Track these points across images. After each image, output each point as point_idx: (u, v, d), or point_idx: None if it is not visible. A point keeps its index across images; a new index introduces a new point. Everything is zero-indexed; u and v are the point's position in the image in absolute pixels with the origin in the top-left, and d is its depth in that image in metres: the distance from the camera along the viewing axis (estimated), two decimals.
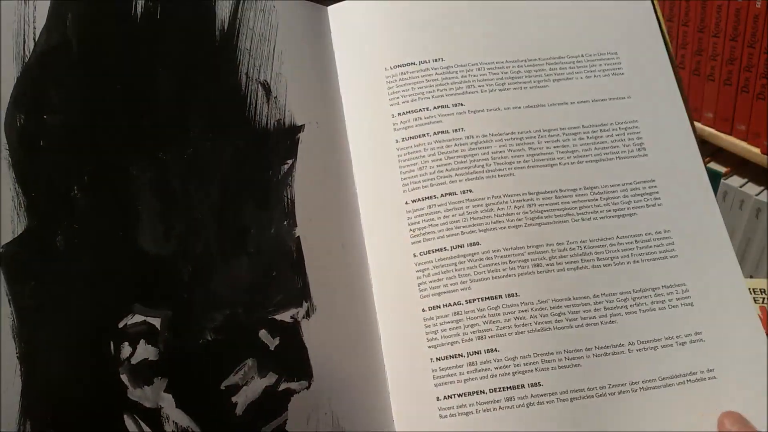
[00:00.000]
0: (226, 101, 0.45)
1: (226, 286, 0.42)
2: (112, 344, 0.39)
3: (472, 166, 0.46)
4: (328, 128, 0.48)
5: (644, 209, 0.47)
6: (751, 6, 1.07)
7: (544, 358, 0.43)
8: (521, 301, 0.44)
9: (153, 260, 0.41)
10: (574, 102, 0.49)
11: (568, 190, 0.47)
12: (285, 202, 0.44)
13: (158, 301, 0.40)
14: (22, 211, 0.40)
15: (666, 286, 0.45)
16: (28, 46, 0.42)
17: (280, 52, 0.47)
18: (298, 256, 0.44)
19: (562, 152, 0.47)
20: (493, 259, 0.44)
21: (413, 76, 0.49)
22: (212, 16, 0.46)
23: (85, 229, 0.40)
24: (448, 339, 0.43)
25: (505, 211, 0.45)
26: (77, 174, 0.41)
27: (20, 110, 0.41)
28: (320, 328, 0.43)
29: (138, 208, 0.41)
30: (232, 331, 0.41)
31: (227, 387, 0.41)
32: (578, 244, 0.45)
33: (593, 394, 0.42)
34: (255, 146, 0.45)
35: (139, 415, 0.39)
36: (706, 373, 0.43)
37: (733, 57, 1.13)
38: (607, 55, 0.51)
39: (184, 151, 0.43)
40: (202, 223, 0.42)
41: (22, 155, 0.40)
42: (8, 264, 0.39)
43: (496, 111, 0.48)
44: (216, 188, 0.43)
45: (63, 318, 0.39)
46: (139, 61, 0.44)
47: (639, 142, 0.48)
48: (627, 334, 0.44)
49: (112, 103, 0.43)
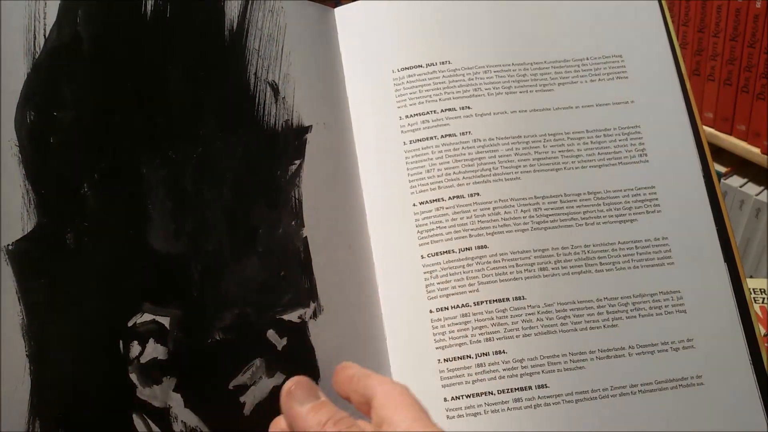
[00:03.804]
0: (235, 101, 0.45)
1: (235, 286, 0.42)
2: (122, 343, 0.40)
3: (480, 170, 0.47)
4: (335, 129, 0.48)
5: (644, 216, 0.47)
6: (751, 6, 1.07)
7: (551, 360, 0.43)
8: (528, 304, 0.44)
9: (163, 259, 0.41)
10: (578, 106, 0.49)
11: (572, 194, 0.47)
12: (293, 203, 0.45)
13: (168, 300, 0.41)
14: (32, 208, 0.40)
15: (663, 292, 0.45)
16: (38, 42, 0.42)
17: (288, 53, 0.47)
18: (305, 257, 0.44)
19: (567, 157, 0.48)
20: (501, 262, 0.45)
21: (420, 79, 0.49)
22: (221, 16, 0.46)
23: (95, 227, 0.41)
24: (456, 340, 0.43)
25: (512, 215, 0.46)
26: (87, 172, 0.41)
27: (31, 107, 0.41)
28: (327, 328, 0.43)
29: (148, 207, 0.42)
30: (241, 330, 0.42)
31: (235, 387, 0.41)
32: (582, 249, 0.46)
33: (596, 396, 0.43)
34: (264, 146, 0.45)
35: (147, 415, 0.39)
36: (695, 379, 0.44)
37: (733, 57, 1.13)
38: (612, 58, 0.51)
39: (194, 150, 0.43)
40: (212, 222, 0.43)
41: (33, 152, 0.40)
42: (18, 261, 0.39)
43: (503, 114, 0.48)
44: (226, 188, 0.43)
45: (72, 316, 0.39)
46: (149, 59, 0.44)
47: (641, 147, 0.49)
48: (627, 338, 0.44)
49: (122, 100, 0.43)
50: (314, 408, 0.33)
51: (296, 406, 0.34)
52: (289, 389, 0.34)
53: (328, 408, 0.33)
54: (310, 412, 0.33)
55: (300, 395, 0.34)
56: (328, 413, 0.32)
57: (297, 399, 0.34)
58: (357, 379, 0.35)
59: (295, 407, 0.34)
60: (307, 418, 0.32)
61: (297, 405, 0.34)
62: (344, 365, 0.37)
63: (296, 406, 0.34)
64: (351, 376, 0.36)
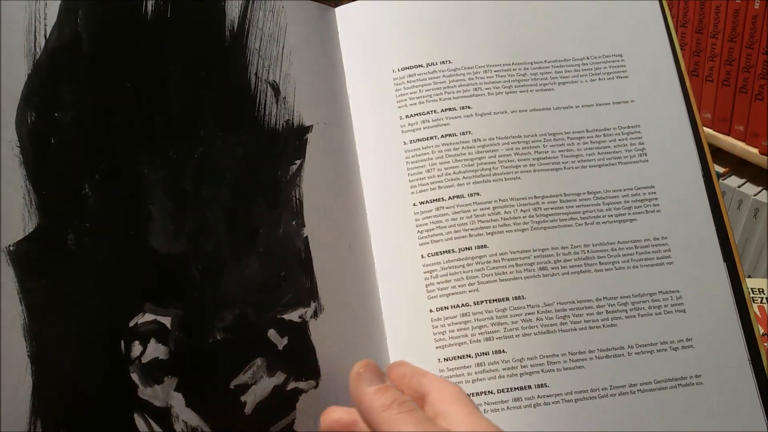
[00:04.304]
0: (236, 101, 0.45)
1: (236, 286, 0.42)
2: (123, 343, 0.40)
3: (480, 169, 0.47)
4: (335, 129, 0.48)
5: (644, 215, 0.47)
6: (749, 6, 1.08)
7: (550, 359, 0.43)
8: (527, 304, 0.44)
9: (164, 259, 0.41)
10: (578, 106, 0.50)
11: (572, 194, 0.47)
12: (293, 202, 0.45)
13: (169, 300, 0.41)
14: (33, 209, 0.40)
15: (662, 291, 0.46)
16: (39, 43, 0.42)
17: (289, 52, 0.47)
18: (306, 256, 0.44)
19: (566, 156, 0.48)
20: (500, 262, 0.45)
21: (421, 78, 0.49)
22: (222, 15, 0.46)
23: (96, 228, 0.41)
24: (456, 340, 0.43)
25: (512, 215, 0.46)
26: (88, 172, 0.41)
27: (31, 107, 0.41)
28: (328, 327, 0.43)
29: (149, 207, 0.42)
30: (242, 330, 0.42)
31: (236, 386, 0.41)
32: (582, 249, 0.46)
33: (596, 395, 0.43)
34: (264, 146, 0.45)
35: (149, 414, 0.39)
36: (694, 379, 0.44)
37: (731, 57, 1.14)
38: (612, 57, 0.51)
39: (195, 150, 0.43)
40: (212, 222, 0.43)
41: (33, 153, 0.40)
42: (19, 261, 0.39)
43: (503, 114, 0.48)
44: (226, 188, 0.43)
45: (73, 316, 0.39)
46: (150, 59, 0.44)
47: (641, 147, 0.49)
48: (627, 338, 0.44)
49: (123, 101, 0.43)
50: (380, 390, 0.34)
51: (364, 386, 0.35)
52: (358, 371, 0.36)
53: (393, 391, 0.34)
54: (377, 394, 0.34)
55: (368, 377, 0.35)
56: (392, 396, 0.34)
57: (365, 380, 0.35)
58: (410, 377, 0.36)
59: (363, 388, 0.35)
60: (374, 399, 0.34)
61: (365, 386, 0.35)
62: (397, 363, 0.38)
63: (364, 387, 0.35)
64: (404, 373, 0.37)
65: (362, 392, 0.35)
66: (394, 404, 0.33)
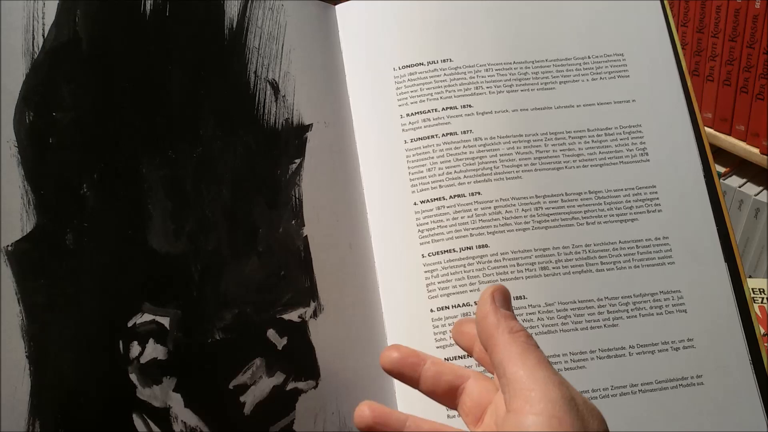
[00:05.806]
0: (235, 100, 0.45)
1: (235, 285, 0.42)
2: (122, 343, 0.40)
3: (481, 169, 0.46)
4: (335, 128, 0.48)
5: (645, 215, 0.47)
6: (750, 6, 1.07)
7: (552, 359, 0.43)
8: (529, 304, 0.44)
9: (163, 259, 0.41)
10: (580, 105, 0.49)
11: (573, 193, 0.47)
12: (293, 202, 0.45)
13: (168, 300, 0.41)
14: (32, 208, 0.40)
15: (663, 292, 0.46)
16: (37, 42, 0.42)
17: (289, 51, 0.47)
18: (305, 256, 0.44)
19: (568, 156, 0.48)
20: (502, 262, 0.45)
21: (422, 77, 0.49)
22: (221, 14, 0.46)
23: (94, 228, 0.40)
24: None
25: (513, 214, 0.46)
26: (87, 172, 0.41)
27: (30, 107, 0.41)
28: (327, 327, 0.43)
29: (148, 207, 0.42)
30: (241, 330, 0.42)
31: (235, 386, 0.41)
32: (583, 248, 0.46)
33: (597, 395, 0.43)
34: (264, 145, 0.45)
35: (148, 415, 0.39)
36: (695, 379, 0.44)
37: (732, 57, 1.13)
38: (614, 56, 0.51)
39: (194, 149, 0.43)
40: (212, 221, 0.42)
41: (32, 153, 0.40)
42: (18, 262, 0.39)
43: (504, 113, 0.48)
44: (225, 187, 0.43)
45: (72, 316, 0.39)
46: (148, 58, 0.44)
47: (642, 146, 0.49)
48: (628, 338, 0.44)
49: (122, 100, 0.43)
50: (509, 315, 0.34)
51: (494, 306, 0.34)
52: (492, 292, 0.35)
53: (519, 323, 0.34)
54: (507, 318, 0.33)
55: (500, 300, 0.34)
56: (520, 325, 0.33)
57: (498, 301, 0.34)
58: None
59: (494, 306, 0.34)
60: (500, 322, 0.33)
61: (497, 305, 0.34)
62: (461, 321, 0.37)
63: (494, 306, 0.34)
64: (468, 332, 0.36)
65: (494, 308, 0.33)
66: (521, 332, 0.32)
